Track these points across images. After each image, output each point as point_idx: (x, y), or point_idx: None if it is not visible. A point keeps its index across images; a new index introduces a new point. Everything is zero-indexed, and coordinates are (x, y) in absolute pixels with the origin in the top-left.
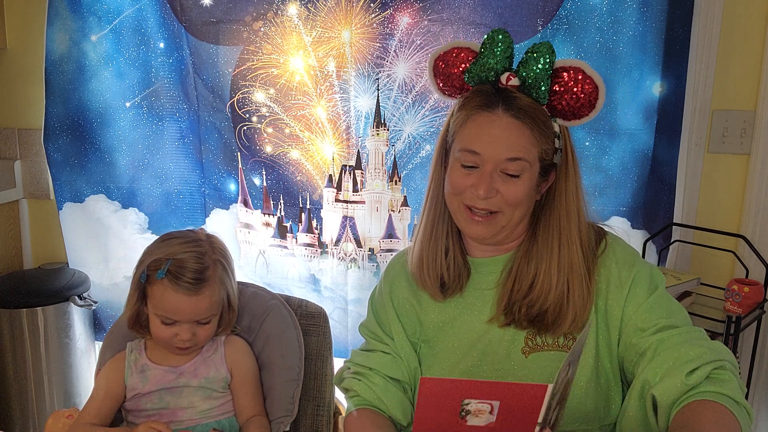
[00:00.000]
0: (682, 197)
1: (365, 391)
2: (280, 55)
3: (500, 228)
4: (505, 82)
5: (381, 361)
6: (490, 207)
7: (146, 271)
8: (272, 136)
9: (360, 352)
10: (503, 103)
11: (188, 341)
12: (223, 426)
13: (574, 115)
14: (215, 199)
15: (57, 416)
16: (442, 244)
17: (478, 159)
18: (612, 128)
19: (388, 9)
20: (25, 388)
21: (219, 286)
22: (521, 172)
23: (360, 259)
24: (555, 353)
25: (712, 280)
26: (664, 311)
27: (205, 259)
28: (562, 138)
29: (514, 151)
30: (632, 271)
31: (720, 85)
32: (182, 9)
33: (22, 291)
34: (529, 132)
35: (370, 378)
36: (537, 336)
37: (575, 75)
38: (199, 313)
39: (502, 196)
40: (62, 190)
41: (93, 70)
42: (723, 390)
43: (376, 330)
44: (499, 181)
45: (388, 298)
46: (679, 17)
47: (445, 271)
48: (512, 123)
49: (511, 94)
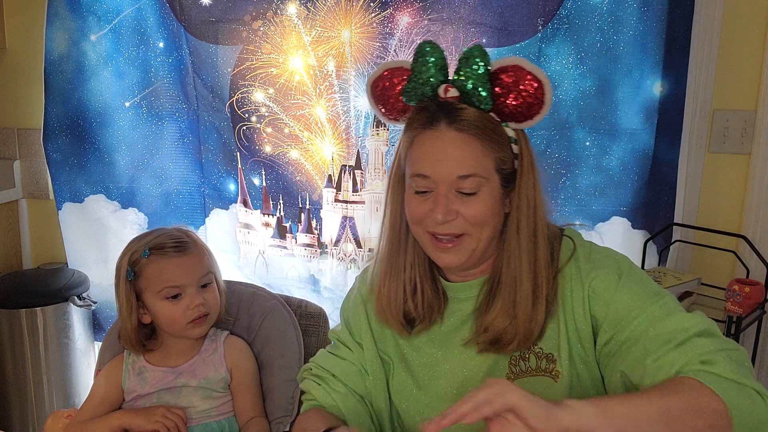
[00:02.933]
0: (682, 197)
1: (323, 397)
2: (280, 54)
3: (471, 252)
4: (443, 95)
5: (347, 372)
6: (453, 231)
7: (129, 268)
8: (272, 136)
9: (327, 354)
10: (445, 117)
11: (201, 305)
12: (223, 426)
13: (524, 115)
14: (215, 199)
15: (56, 416)
16: (407, 276)
17: (430, 182)
18: (612, 128)
19: (387, 8)
20: (24, 389)
21: (204, 252)
22: (478, 189)
23: (360, 260)
24: (541, 378)
25: (713, 280)
26: (635, 298)
27: (177, 233)
28: (519, 141)
29: (465, 168)
30: (591, 274)
31: (720, 84)
32: (181, 8)
33: (22, 291)
34: (478, 144)
35: (332, 384)
36: (520, 360)
37: (515, 74)
38: (196, 270)
39: (463, 216)
40: (62, 190)
41: (92, 69)
42: (710, 369)
43: (346, 338)
44: (456, 201)
45: (362, 307)
46: (679, 17)
47: (411, 307)
48: (458, 137)
49: (453, 106)
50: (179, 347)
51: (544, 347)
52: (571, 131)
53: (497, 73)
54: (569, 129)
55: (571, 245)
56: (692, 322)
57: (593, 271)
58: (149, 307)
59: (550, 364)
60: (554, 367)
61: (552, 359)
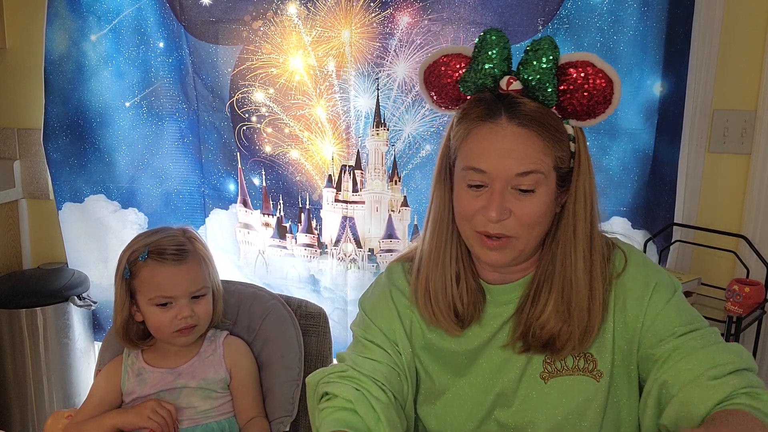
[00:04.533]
0: (682, 197)
1: (363, 408)
2: (280, 54)
3: (519, 252)
4: (505, 87)
5: (388, 377)
6: (505, 231)
7: (127, 266)
8: (272, 136)
9: (362, 359)
10: (506, 110)
11: (189, 318)
12: (224, 427)
13: (587, 113)
14: (215, 199)
15: (57, 416)
16: (452, 270)
17: (486, 177)
18: (612, 128)
19: (388, 8)
20: (24, 389)
21: (202, 261)
22: (536, 186)
23: (360, 260)
24: (577, 378)
25: (713, 280)
26: (682, 317)
27: (181, 239)
28: (578, 140)
29: (525, 164)
30: (651, 284)
31: (720, 84)
32: (182, 8)
33: (22, 291)
34: (539, 140)
35: (373, 392)
36: (555, 360)
37: (584, 70)
38: (190, 282)
39: (515, 216)
40: (62, 190)
41: (92, 69)
42: (758, 405)
43: (379, 339)
44: (511, 199)
45: (392, 303)
46: (679, 17)
47: (458, 301)
48: (519, 132)
49: (515, 99)
50: (178, 348)
51: None
52: None
53: (565, 67)
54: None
55: (623, 254)
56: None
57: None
58: (140, 308)
59: (589, 363)
60: (595, 366)
61: (590, 359)
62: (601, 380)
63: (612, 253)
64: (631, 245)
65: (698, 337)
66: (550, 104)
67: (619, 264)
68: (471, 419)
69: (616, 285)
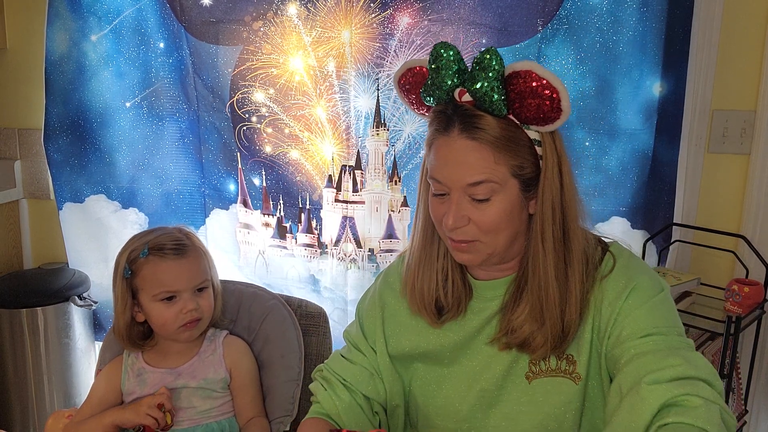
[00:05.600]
0: (682, 197)
1: (327, 402)
2: (280, 55)
3: (487, 255)
4: (459, 99)
5: (358, 377)
6: (466, 237)
7: (127, 265)
8: (272, 136)
9: (340, 359)
10: (459, 123)
11: (194, 310)
12: (224, 426)
13: (543, 120)
14: (215, 199)
15: (57, 416)
16: (439, 265)
17: (443, 187)
18: (612, 128)
19: (388, 9)
20: (25, 388)
21: (202, 254)
22: (491, 195)
23: (360, 260)
24: (558, 379)
25: (712, 280)
26: (653, 320)
27: (178, 236)
28: (544, 144)
29: (475, 175)
30: (630, 285)
31: (720, 85)
32: (182, 9)
33: (22, 291)
34: (490, 150)
35: (338, 391)
36: (541, 360)
37: (527, 78)
38: (193, 275)
39: (474, 223)
40: (62, 190)
41: (93, 70)
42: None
43: (359, 340)
44: (469, 207)
45: (378, 309)
46: (679, 17)
47: (442, 295)
48: (468, 145)
49: (467, 111)
50: (178, 348)
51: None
52: (570, 131)
53: (511, 77)
54: (569, 129)
55: (612, 256)
56: (702, 363)
57: (634, 278)
58: (143, 307)
59: (569, 366)
60: (574, 369)
61: (571, 360)
62: (580, 383)
63: (604, 256)
64: (625, 248)
65: (658, 342)
66: (500, 114)
67: (607, 266)
68: (463, 404)
69: (600, 286)
